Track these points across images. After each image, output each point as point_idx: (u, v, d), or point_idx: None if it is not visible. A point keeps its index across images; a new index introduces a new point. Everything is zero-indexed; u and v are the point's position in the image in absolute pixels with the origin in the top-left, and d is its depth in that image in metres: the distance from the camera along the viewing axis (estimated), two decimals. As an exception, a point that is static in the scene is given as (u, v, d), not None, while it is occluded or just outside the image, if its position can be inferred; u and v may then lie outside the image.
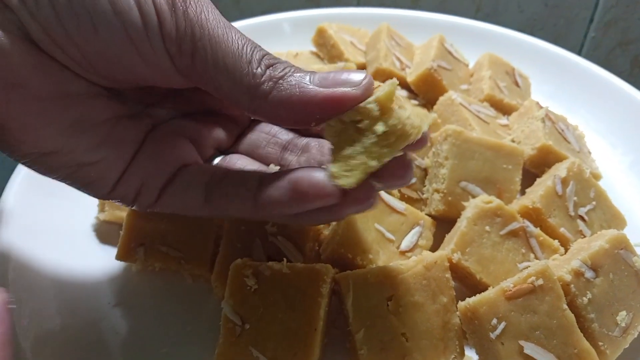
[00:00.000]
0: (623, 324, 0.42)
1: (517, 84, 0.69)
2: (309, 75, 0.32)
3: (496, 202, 0.47)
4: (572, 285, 0.41)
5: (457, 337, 0.42)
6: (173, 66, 0.33)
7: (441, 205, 0.51)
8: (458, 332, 0.42)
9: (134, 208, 0.41)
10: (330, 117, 0.32)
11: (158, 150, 0.39)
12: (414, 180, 0.54)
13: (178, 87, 0.37)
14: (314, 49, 0.75)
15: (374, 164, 0.31)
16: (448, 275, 0.43)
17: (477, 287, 0.45)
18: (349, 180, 0.31)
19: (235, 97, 0.33)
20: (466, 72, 0.70)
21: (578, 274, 0.42)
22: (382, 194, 0.50)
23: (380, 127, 0.31)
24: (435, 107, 0.63)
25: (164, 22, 0.32)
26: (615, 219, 0.52)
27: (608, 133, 0.65)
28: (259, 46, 0.33)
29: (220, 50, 0.32)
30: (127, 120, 0.38)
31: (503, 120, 0.63)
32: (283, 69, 0.32)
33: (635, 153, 0.62)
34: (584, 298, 0.42)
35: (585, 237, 0.49)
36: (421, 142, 0.33)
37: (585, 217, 0.50)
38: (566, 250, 0.48)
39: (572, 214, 0.50)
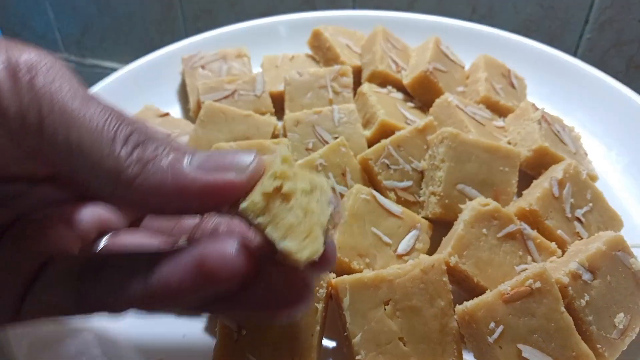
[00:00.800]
0: (621, 326, 0.42)
1: (512, 86, 0.69)
2: (187, 157, 0.27)
3: (493, 204, 0.47)
4: (569, 288, 0.41)
5: (455, 341, 0.42)
6: (16, 148, 0.27)
7: (438, 208, 0.51)
8: (456, 336, 0.42)
9: None
10: (211, 208, 0.27)
11: (14, 246, 0.31)
12: (410, 183, 0.54)
13: (29, 173, 0.31)
14: (310, 52, 0.75)
15: (324, 219, 0.27)
16: (445, 278, 0.43)
17: (474, 291, 0.45)
18: (314, 246, 0.26)
19: (95, 183, 0.27)
20: (462, 74, 0.69)
21: (575, 276, 0.42)
22: (379, 197, 0.50)
23: (304, 184, 0.27)
24: (431, 109, 0.63)
25: (1, 96, 0.26)
26: (612, 221, 0.52)
27: (604, 134, 0.65)
28: (128, 120, 0.28)
29: (75, 127, 0.26)
30: None
31: (499, 122, 0.63)
32: (155, 149, 0.27)
33: (631, 154, 0.62)
34: (582, 300, 0.41)
35: (582, 239, 0.49)
36: None
37: (582, 219, 0.50)
38: (563, 252, 0.48)
39: (569, 215, 0.50)
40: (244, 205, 0.26)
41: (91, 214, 0.35)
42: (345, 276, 0.42)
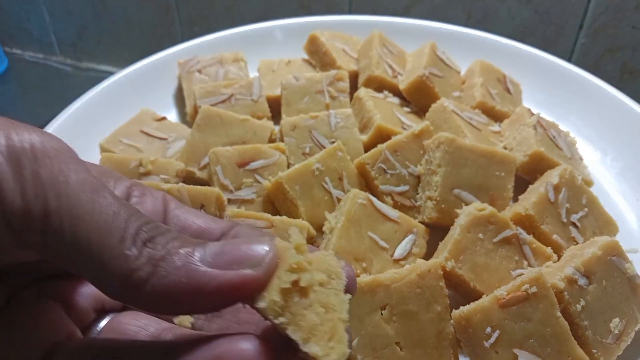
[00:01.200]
0: (616, 331, 0.42)
1: (508, 91, 0.69)
2: (199, 251, 0.25)
3: (489, 209, 0.47)
4: (565, 293, 0.42)
5: (451, 346, 0.42)
6: (17, 243, 0.25)
7: (434, 212, 0.51)
8: (452, 340, 0.42)
9: None
10: (226, 305, 0.26)
11: (13, 335, 0.29)
12: (406, 187, 0.54)
13: (22, 260, 0.29)
14: (307, 57, 0.75)
15: (345, 316, 0.26)
16: (442, 283, 0.43)
17: (471, 295, 0.45)
18: (340, 349, 0.25)
19: (102, 283, 0.25)
20: (458, 79, 0.70)
21: (571, 281, 0.42)
22: (375, 201, 0.50)
23: (320, 275, 0.26)
24: (427, 114, 0.63)
25: (3, 189, 0.24)
26: (607, 225, 0.52)
27: (599, 139, 0.65)
28: (138, 212, 0.26)
29: (84, 225, 0.24)
30: None
31: (495, 127, 0.64)
32: (165, 245, 0.25)
33: (626, 159, 0.62)
34: (578, 305, 0.42)
35: (577, 243, 0.49)
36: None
37: (578, 224, 0.51)
38: (559, 257, 0.48)
39: (565, 220, 0.50)
40: (263, 304, 0.25)
41: (87, 293, 0.33)
42: (342, 281, 0.42)
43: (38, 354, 0.29)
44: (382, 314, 0.41)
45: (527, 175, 0.57)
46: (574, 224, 0.50)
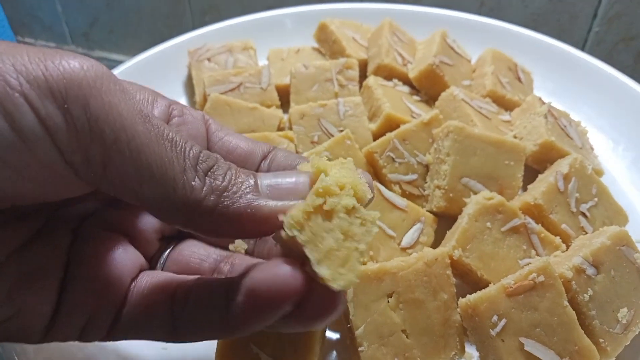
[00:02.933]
0: (624, 321, 0.42)
1: (519, 80, 0.68)
2: (257, 182, 0.27)
3: (497, 198, 0.47)
4: (573, 282, 0.41)
5: (458, 334, 0.42)
6: (78, 178, 0.25)
7: (442, 201, 0.51)
8: (459, 328, 0.42)
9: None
10: (275, 230, 0.27)
11: (92, 270, 0.30)
12: (415, 176, 0.54)
13: (80, 194, 0.28)
14: (316, 45, 0.75)
15: (363, 247, 0.26)
16: (449, 272, 0.43)
17: (477, 284, 0.45)
18: (349, 277, 0.25)
19: (166, 212, 0.26)
20: (468, 67, 0.69)
21: (579, 271, 0.42)
22: (384, 190, 0.50)
23: (348, 200, 0.26)
24: (437, 102, 0.62)
25: (55, 131, 0.23)
26: (617, 216, 0.52)
27: (610, 129, 0.65)
28: (189, 140, 0.27)
29: (144, 155, 0.24)
30: (34, 246, 0.29)
31: (505, 116, 0.63)
32: (224, 175, 0.26)
33: (638, 149, 0.61)
34: (585, 295, 0.41)
35: (586, 233, 0.49)
36: None
37: (587, 214, 0.50)
38: (567, 246, 0.48)
39: (574, 210, 0.50)
40: (285, 218, 0.26)
41: (148, 223, 0.34)
42: (348, 268, 0.42)
43: (121, 293, 0.30)
44: (388, 302, 0.42)
45: (537, 164, 0.57)
46: (583, 214, 0.50)
